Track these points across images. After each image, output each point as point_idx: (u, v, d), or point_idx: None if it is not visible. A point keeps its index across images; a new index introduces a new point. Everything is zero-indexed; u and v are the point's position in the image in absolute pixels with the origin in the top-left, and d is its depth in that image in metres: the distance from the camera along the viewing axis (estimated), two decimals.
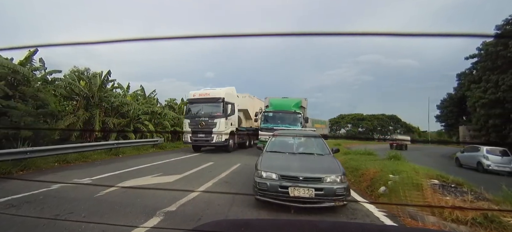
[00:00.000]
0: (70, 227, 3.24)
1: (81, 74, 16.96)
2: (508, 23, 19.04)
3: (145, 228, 3.31)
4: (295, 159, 4.79)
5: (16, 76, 10.14)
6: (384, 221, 3.91)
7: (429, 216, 3.78)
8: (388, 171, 5.97)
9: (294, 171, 4.07)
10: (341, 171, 4.15)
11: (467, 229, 3.36)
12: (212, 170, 7.74)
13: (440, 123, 36.77)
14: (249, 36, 0.76)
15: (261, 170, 4.19)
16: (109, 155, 10.53)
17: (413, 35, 0.70)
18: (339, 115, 67.47)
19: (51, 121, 11.52)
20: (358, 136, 61.82)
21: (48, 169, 7.42)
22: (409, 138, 40.41)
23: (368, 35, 0.75)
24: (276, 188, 3.92)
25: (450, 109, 32.76)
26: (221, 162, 9.55)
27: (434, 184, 4.99)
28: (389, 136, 58.73)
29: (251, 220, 1.93)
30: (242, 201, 4.53)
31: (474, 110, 22.35)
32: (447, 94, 33.84)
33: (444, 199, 4.22)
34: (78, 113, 12.99)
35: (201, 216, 3.81)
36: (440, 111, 35.48)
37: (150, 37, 0.78)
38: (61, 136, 11.70)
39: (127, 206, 4.09)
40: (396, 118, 63.63)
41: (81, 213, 3.80)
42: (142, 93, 19.26)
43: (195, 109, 13.10)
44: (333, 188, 3.86)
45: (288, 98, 14.57)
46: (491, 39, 18.98)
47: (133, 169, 7.72)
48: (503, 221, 3.26)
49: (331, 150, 5.38)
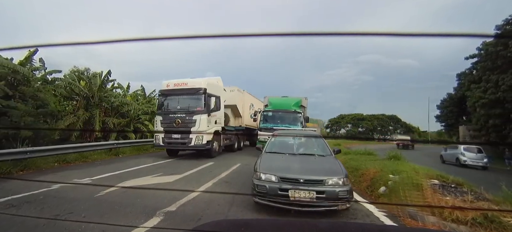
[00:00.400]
0: (70, 227, 3.24)
1: (81, 74, 16.99)
2: (508, 23, 19.03)
3: (145, 228, 3.31)
4: (295, 160, 4.64)
5: (16, 76, 10.14)
6: (384, 221, 3.90)
7: (429, 216, 3.78)
8: (388, 171, 5.96)
9: (294, 173, 3.93)
10: (343, 173, 4.00)
11: (467, 229, 3.36)
12: (212, 170, 7.74)
13: (440, 123, 36.79)
14: (249, 36, 0.76)
15: (260, 172, 4.05)
16: (109, 155, 10.52)
17: (413, 35, 0.70)
18: (339, 115, 67.44)
19: (51, 121, 11.52)
20: (358, 136, 61.82)
21: (48, 169, 7.42)
22: (409, 138, 40.43)
23: (368, 35, 0.75)
24: (275, 190, 3.77)
25: (450, 109, 32.74)
26: (221, 162, 9.56)
27: (434, 184, 4.99)
28: (389, 136, 58.78)
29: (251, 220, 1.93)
30: (242, 201, 4.52)
31: (474, 110, 22.35)
32: (447, 94, 33.85)
33: (444, 199, 4.22)
34: (78, 113, 12.98)
35: (201, 216, 3.81)
36: (440, 111, 35.48)
37: (150, 37, 0.78)
38: (61, 136, 11.69)
39: (127, 206, 4.09)
40: (396, 118, 63.62)
41: (81, 213, 3.80)
42: (142, 93, 19.25)
43: (169, 103, 10.56)
44: (335, 191, 3.70)
45: (288, 97, 14.19)
46: (491, 39, 18.98)
47: (133, 169, 7.72)
48: (503, 221, 3.26)
49: (333, 151, 5.24)
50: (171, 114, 10.16)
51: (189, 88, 10.32)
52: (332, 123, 66.26)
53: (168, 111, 10.32)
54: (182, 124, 9.88)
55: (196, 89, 10.18)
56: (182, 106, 10.23)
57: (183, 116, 9.96)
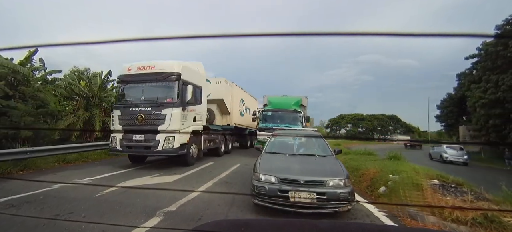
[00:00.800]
0: (70, 227, 3.24)
1: (81, 74, 16.97)
2: (508, 23, 19.03)
3: (145, 228, 3.31)
4: (295, 161, 4.59)
5: (16, 76, 10.15)
6: (384, 221, 3.90)
7: (429, 216, 3.78)
8: (388, 171, 5.96)
9: (294, 174, 3.88)
10: (344, 174, 3.93)
11: (467, 229, 3.36)
12: (212, 170, 7.74)
13: (440, 123, 36.74)
14: (249, 36, 0.76)
15: (260, 172, 3.99)
16: (109, 155, 10.52)
17: (413, 35, 0.70)
18: (339, 115, 67.52)
19: (51, 121, 11.53)
20: (358, 136, 61.82)
21: (48, 169, 7.42)
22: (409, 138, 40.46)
23: (368, 35, 0.75)
24: (275, 192, 3.71)
25: (450, 109, 32.72)
26: (221, 162, 9.55)
27: (434, 184, 4.99)
28: (389, 136, 58.79)
29: (251, 220, 1.93)
30: (242, 201, 4.52)
31: (474, 110, 22.35)
32: (447, 94, 33.81)
33: (444, 199, 4.22)
34: (78, 113, 12.98)
35: (201, 216, 3.81)
36: (440, 111, 35.44)
37: (150, 37, 0.78)
38: (61, 136, 11.68)
39: (127, 206, 4.09)
40: (396, 118, 63.67)
41: (81, 213, 3.80)
42: None
43: (131, 92, 8.14)
44: (337, 192, 3.63)
45: (287, 96, 13.87)
46: (491, 39, 18.97)
47: (133, 169, 7.72)
48: (503, 221, 3.26)
49: (333, 151, 5.19)
50: (132, 108, 7.70)
51: (158, 72, 7.81)
52: (332, 123, 66.31)
53: (129, 103, 7.90)
54: (146, 121, 7.49)
55: (167, 74, 7.70)
56: (148, 97, 7.83)
57: (149, 111, 7.53)
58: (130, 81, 8.16)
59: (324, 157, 4.94)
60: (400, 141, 31.54)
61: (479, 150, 24.63)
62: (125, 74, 8.24)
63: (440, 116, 35.43)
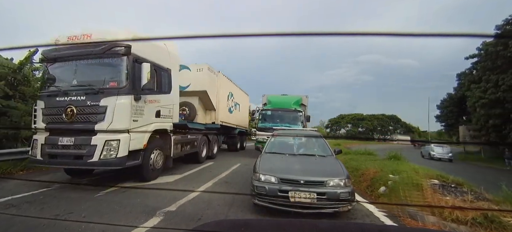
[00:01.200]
0: (70, 227, 3.24)
1: None
2: (508, 23, 19.03)
3: (145, 228, 3.31)
4: (295, 161, 4.59)
5: (16, 76, 10.14)
6: (384, 221, 3.91)
7: (429, 216, 3.78)
8: (388, 171, 5.97)
9: (294, 174, 3.88)
10: (345, 174, 3.94)
11: (467, 229, 3.36)
12: (212, 170, 7.74)
13: (440, 123, 36.79)
14: (249, 36, 0.76)
15: (260, 172, 3.99)
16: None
17: (413, 35, 0.70)
18: (339, 115, 67.56)
19: None
20: (358, 136, 61.84)
21: (49, 170, 7.41)
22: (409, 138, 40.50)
23: (368, 35, 0.75)
24: (275, 192, 3.71)
25: (450, 109, 32.74)
26: (221, 162, 9.56)
27: (434, 184, 4.99)
28: (389, 136, 58.82)
29: (251, 220, 1.93)
30: (242, 201, 4.52)
31: (474, 110, 22.37)
32: (447, 94, 33.85)
33: (444, 199, 4.22)
34: None
35: (201, 216, 3.81)
36: (440, 111, 35.47)
37: (150, 37, 0.78)
38: None
39: (127, 206, 4.09)
40: (396, 118, 63.71)
41: (81, 213, 3.80)
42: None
43: (59, 74, 5.62)
44: (337, 192, 3.64)
45: (287, 95, 13.68)
46: (491, 39, 18.98)
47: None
48: (503, 221, 3.26)
49: (334, 151, 5.19)
50: (59, 97, 5.31)
51: (95, 42, 5.21)
52: (332, 123, 66.33)
53: (56, 91, 5.45)
54: (78, 117, 5.13)
55: (109, 46, 5.10)
56: (82, 80, 5.42)
57: (82, 101, 5.14)
58: (57, 58, 5.53)
59: (324, 157, 4.95)
60: (400, 141, 31.72)
61: (479, 150, 24.80)
62: (51, 49, 5.57)
63: (440, 116, 35.46)
